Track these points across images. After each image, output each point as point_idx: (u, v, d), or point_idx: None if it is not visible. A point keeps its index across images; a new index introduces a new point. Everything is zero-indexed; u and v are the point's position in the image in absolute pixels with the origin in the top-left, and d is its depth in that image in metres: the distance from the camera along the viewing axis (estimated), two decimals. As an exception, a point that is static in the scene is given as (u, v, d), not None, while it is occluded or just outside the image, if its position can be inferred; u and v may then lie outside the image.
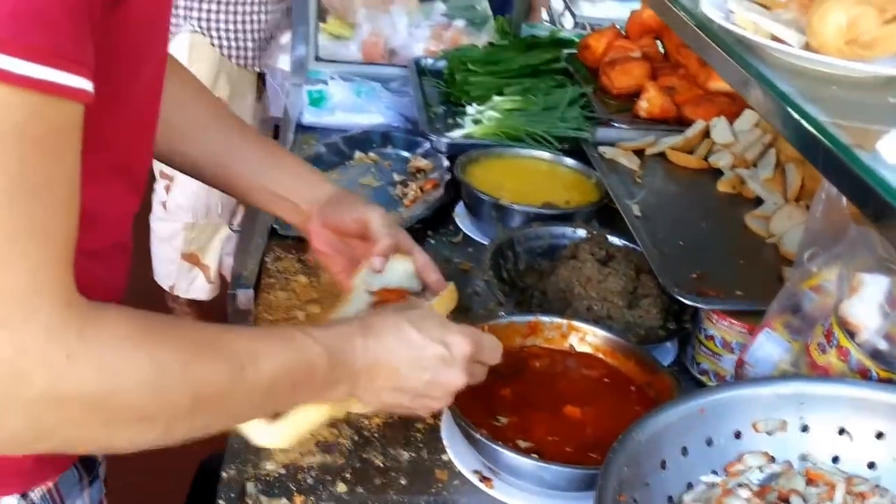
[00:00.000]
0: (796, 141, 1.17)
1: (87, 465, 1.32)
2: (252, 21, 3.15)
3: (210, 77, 3.16)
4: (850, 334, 1.30)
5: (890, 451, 1.26)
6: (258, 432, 1.28)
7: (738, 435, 1.26)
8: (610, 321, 1.75)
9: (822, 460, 1.27)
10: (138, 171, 1.22)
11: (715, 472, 1.25)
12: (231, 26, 3.13)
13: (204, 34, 3.12)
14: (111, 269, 1.23)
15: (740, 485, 1.23)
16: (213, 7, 3.11)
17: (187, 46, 3.14)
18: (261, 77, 3.41)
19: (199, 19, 3.11)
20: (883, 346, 1.28)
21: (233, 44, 3.15)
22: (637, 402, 1.54)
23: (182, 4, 3.11)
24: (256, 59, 3.24)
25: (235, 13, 3.13)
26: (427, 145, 2.45)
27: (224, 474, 1.43)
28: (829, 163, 1.08)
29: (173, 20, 3.08)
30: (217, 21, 3.12)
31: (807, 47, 1.31)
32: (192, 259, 3.45)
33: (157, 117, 1.22)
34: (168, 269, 3.50)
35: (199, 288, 3.50)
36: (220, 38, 3.14)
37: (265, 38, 3.25)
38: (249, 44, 3.18)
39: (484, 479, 1.44)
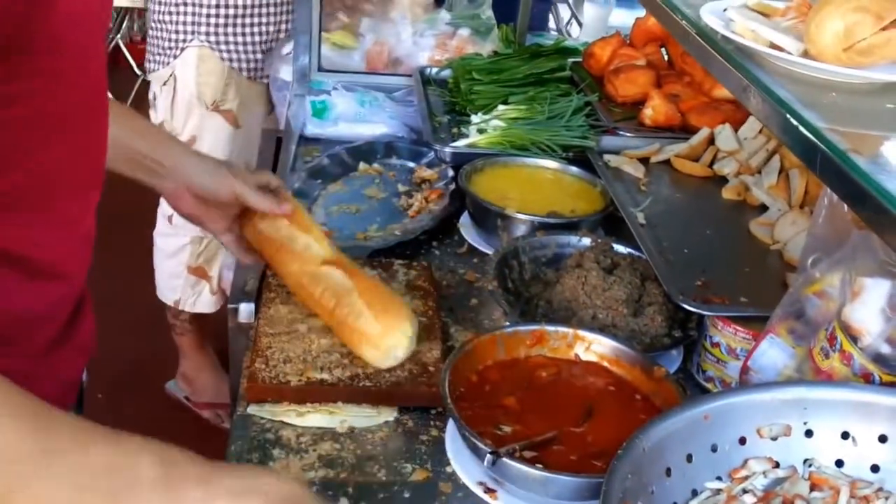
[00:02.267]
0: (795, 147, 1.18)
1: None
2: (259, 32, 3.15)
3: (219, 90, 3.17)
4: (853, 339, 1.30)
5: (894, 454, 1.26)
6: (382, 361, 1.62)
7: (742, 441, 1.26)
8: (615, 329, 1.75)
9: (826, 464, 1.27)
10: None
11: (720, 479, 1.25)
12: (239, 38, 3.14)
13: (212, 48, 3.12)
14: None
15: (745, 490, 1.24)
16: (221, 21, 3.11)
17: (195, 60, 3.15)
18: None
19: (207, 34, 3.12)
20: (886, 349, 1.28)
21: (241, 56, 3.16)
22: (642, 411, 1.54)
23: (189, 20, 3.12)
24: (267, 69, 3.25)
25: (243, 25, 3.13)
26: (431, 155, 2.46)
27: None
28: (827, 168, 1.09)
29: (181, 35, 3.11)
30: (225, 34, 3.13)
31: (805, 55, 1.32)
32: (198, 272, 3.44)
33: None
34: (173, 284, 3.50)
35: (204, 301, 3.50)
36: (228, 51, 3.15)
37: (273, 48, 3.25)
38: (259, 55, 3.19)
39: (488, 490, 1.44)
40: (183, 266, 3.43)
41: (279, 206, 1.75)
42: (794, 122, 1.17)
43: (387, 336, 1.63)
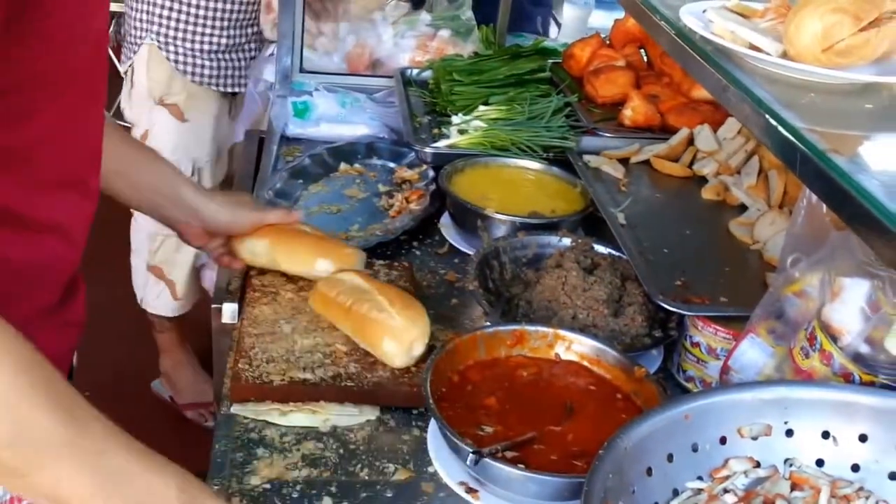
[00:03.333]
0: (774, 147, 1.18)
1: None
2: (207, 42, 3.16)
3: (165, 85, 3.21)
4: (833, 338, 1.30)
5: (874, 453, 1.26)
6: (400, 356, 1.64)
7: (723, 440, 1.26)
8: (595, 329, 1.75)
9: (806, 464, 1.28)
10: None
11: (701, 478, 1.25)
12: (188, 44, 3.15)
13: (160, 47, 3.15)
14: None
15: (726, 490, 1.24)
16: (172, 24, 3.13)
17: (146, 56, 3.19)
18: (236, 96, 3.41)
19: (158, 33, 3.14)
20: (865, 349, 1.28)
21: (188, 60, 3.17)
22: (623, 410, 1.54)
23: (145, 17, 3.15)
24: (220, 79, 3.24)
25: (193, 33, 3.13)
26: (412, 156, 2.46)
27: None
28: (806, 168, 1.10)
29: (139, 32, 3.17)
30: (174, 38, 3.14)
31: (784, 55, 1.32)
32: (156, 272, 3.44)
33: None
34: (139, 282, 3.50)
35: (164, 304, 3.48)
36: (176, 52, 3.17)
37: (229, 60, 3.25)
38: (206, 62, 3.18)
39: (470, 490, 1.44)
40: (144, 263, 3.43)
41: (290, 214, 1.94)
42: (773, 123, 1.18)
43: (408, 330, 1.66)
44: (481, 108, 2.61)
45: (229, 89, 3.28)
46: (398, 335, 1.65)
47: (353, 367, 1.65)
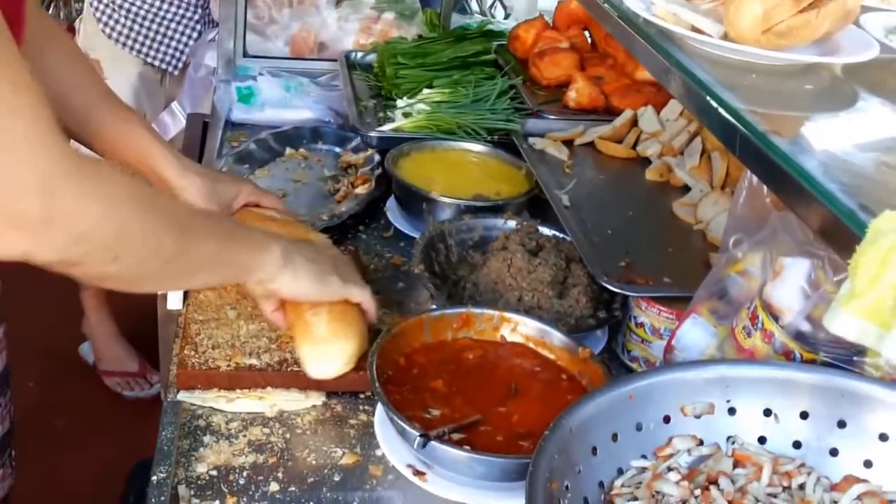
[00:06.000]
0: (715, 128, 1.19)
1: None
2: (139, 6, 3.17)
3: (89, 42, 3.25)
4: (774, 317, 1.32)
5: (814, 430, 1.28)
6: (312, 363, 1.57)
7: (666, 419, 1.27)
8: (540, 311, 1.76)
9: (749, 441, 1.29)
10: None
11: (645, 457, 1.26)
12: (116, 3, 3.17)
13: (91, 3, 3.18)
14: None
15: (670, 468, 1.25)
16: None
17: (84, 14, 3.26)
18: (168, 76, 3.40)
19: None
20: (806, 327, 1.30)
21: (112, 20, 3.18)
22: (568, 391, 1.55)
23: None
24: (144, 48, 3.23)
25: None
26: (357, 140, 2.45)
27: (154, 477, 1.41)
28: (746, 149, 1.11)
29: None
30: None
31: (725, 37, 1.33)
32: None
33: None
34: None
35: None
36: (102, 10, 3.18)
37: (164, 32, 3.24)
38: (133, 25, 3.19)
39: (417, 472, 1.44)
40: None
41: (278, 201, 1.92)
42: (714, 104, 1.19)
43: (327, 343, 1.57)
44: (426, 91, 2.61)
45: (155, 62, 3.27)
46: (316, 343, 1.57)
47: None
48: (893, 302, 0.99)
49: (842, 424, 1.27)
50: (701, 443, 1.28)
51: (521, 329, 1.66)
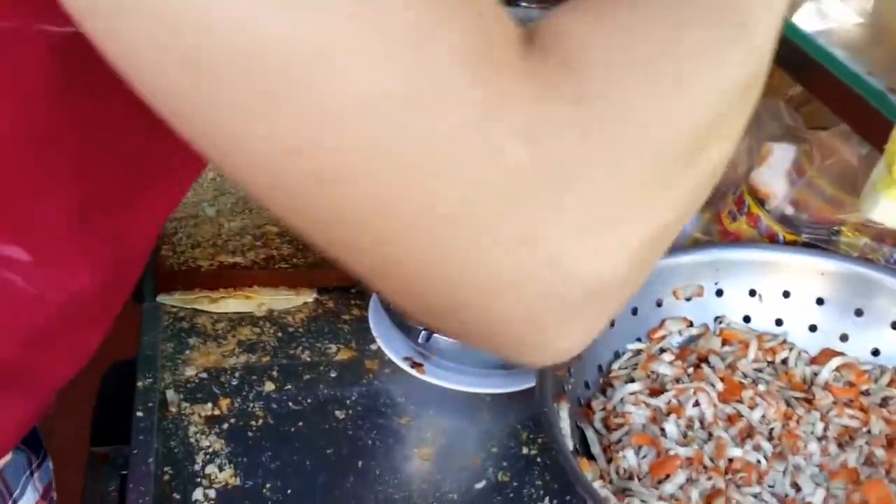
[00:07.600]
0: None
1: (32, 446, 1.16)
2: None
3: None
4: (760, 202, 1.36)
5: (796, 307, 1.34)
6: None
7: (659, 303, 1.32)
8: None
9: (735, 321, 1.35)
10: None
11: (640, 340, 1.32)
12: None
13: None
14: None
15: (663, 350, 1.31)
16: None
17: None
18: None
19: None
20: (789, 211, 1.34)
21: None
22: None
23: None
24: None
25: None
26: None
27: (140, 384, 1.34)
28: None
29: None
30: None
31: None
32: None
33: None
34: None
35: None
36: None
37: None
38: None
39: (415, 364, 1.45)
40: None
41: None
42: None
43: None
44: None
45: None
46: None
47: (286, 248, 1.64)
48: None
49: (820, 302, 1.33)
50: (691, 324, 1.34)
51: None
